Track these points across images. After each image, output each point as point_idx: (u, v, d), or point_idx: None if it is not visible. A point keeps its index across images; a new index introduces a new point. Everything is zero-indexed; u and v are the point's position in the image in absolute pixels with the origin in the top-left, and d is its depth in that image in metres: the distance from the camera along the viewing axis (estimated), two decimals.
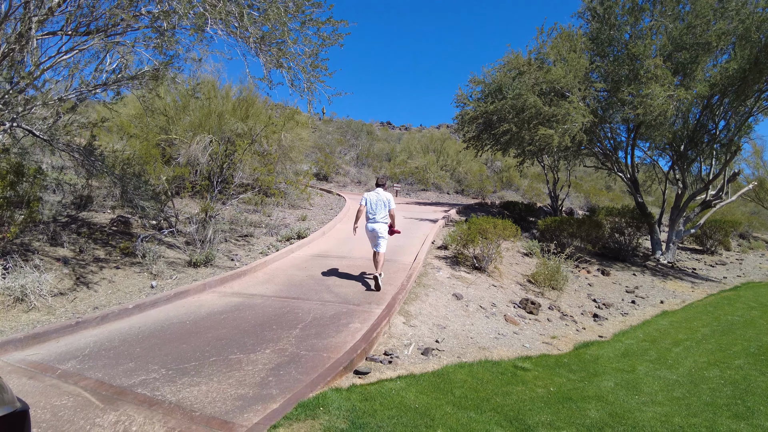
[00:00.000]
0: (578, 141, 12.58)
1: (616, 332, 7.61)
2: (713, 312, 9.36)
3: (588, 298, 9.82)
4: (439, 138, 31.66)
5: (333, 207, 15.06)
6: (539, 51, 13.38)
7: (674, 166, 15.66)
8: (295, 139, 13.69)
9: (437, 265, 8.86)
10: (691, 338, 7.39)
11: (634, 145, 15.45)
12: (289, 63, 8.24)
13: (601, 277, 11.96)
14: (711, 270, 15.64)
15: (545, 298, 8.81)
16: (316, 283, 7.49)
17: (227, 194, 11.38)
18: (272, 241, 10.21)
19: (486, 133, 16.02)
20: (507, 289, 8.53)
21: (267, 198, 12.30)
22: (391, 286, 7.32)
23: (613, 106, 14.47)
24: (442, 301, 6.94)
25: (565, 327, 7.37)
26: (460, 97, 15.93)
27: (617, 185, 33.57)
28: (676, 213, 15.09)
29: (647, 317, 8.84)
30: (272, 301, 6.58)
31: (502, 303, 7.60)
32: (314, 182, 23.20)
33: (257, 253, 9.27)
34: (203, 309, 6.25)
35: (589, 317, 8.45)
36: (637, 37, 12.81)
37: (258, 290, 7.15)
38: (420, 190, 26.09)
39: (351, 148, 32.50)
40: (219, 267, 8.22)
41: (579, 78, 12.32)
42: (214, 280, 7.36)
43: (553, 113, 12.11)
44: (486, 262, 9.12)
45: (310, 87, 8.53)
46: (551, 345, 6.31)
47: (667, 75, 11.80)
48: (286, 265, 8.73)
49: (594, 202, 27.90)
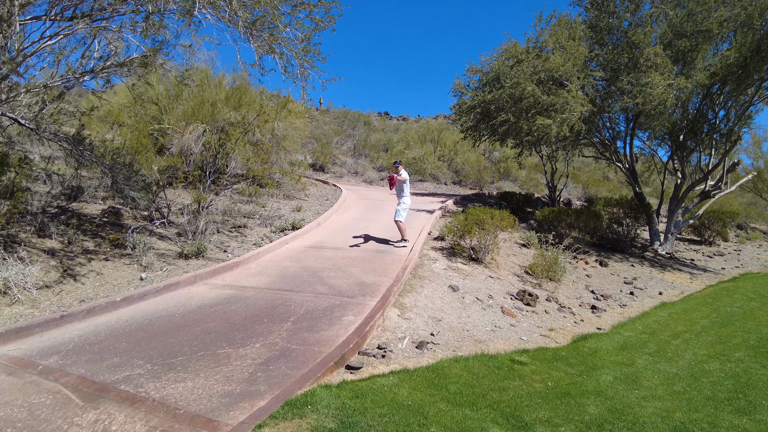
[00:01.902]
0: (576, 131, 12.41)
1: (615, 324, 7.50)
2: (712, 303, 9.26)
3: (586, 289, 9.71)
4: (437, 128, 31.38)
5: (329, 197, 14.89)
6: (538, 39, 13.15)
7: (673, 156, 15.52)
8: (288, 128, 13.46)
9: (433, 257, 8.72)
10: (690, 330, 7.29)
11: (633, 135, 15.28)
12: (281, 49, 8.05)
13: (599, 268, 11.85)
14: (709, 261, 15.56)
15: (543, 289, 8.69)
16: (309, 275, 7.34)
17: (220, 185, 11.20)
18: (266, 232, 10.05)
19: (483, 122, 15.83)
20: (504, 281, 8.40)
21: (261, 189, 12.11)
22: (386, 278, 7.18)
23: (612, 95, 14.28)
24: (438, 293, 6.81)
25: (563, 319, 7.25)
26: (458, 86, 15.71)
27: (616, 176, 33.42)
28: (674, 203, 14.97)
29: (646, 309, 8.74)
30: (264, 294, 6.44)
31: (499, 295, 7.47)
32: (310, 173, 22.99)
33: (250, 245, 9.12)
34: (193, 301, 6.10)
35: (588, 309, 8.34)
36: (636, 24, 12.58)
37: (250, 282, 7.00)
38: (417, 180, 25.88)
39: (348, 138, 32.21)
40: (211, 259, 8.07)
41: (578, 66, 12.11)
42: (205, 272, 7.21)
43: (551, 102, 11.92)
44: (483, 253, 8.98)
45: (303, 73, 8.33)
46: (549, 338, 6.19)
47: (667, 63, 11.61)
48: (280, 256, 8.58)
49: (592, 193, 27.75)
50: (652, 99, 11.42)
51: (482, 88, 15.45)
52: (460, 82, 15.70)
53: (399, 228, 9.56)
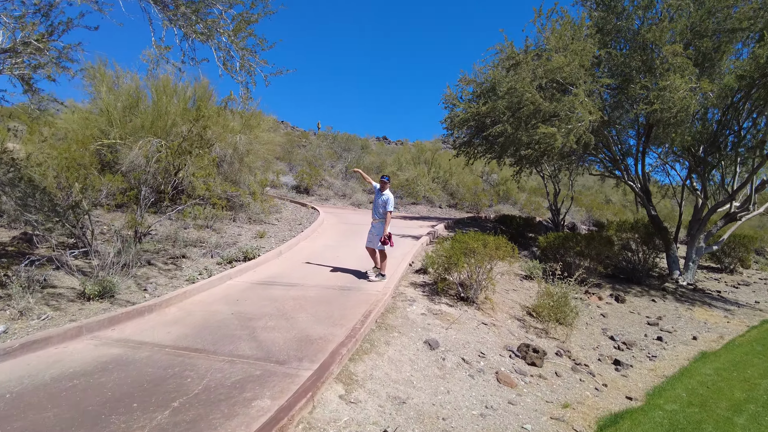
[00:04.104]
0: (584, 143, 10.67)
1: (649, 390, 5.60)
2: (765, 353, 7.35)
3: (604, 334, 7.83)
4: (431, 149, 29.81)
5: (302, 222, 13.07)
6: (537, 37, 11.52)
7: (691, 174, 13.78)
8: (253, 142, 11.73)
9: (411, 296, 6.86)
10: (753, 398, 5.39)
11: (645, 150, 13.58)
12: (220, 37, 6.38)
13: (615, 304, 9.96)
14: (736, 292, 13.63)
15: (550, 337, 6.81)
16: (239, 325, 5.48)
17: (161, 206, 9.46)
18: (209, 264, 8.21)
19: (478, 137, 14.16)
20: (501, 328, 6.52)
21: (218, 210, 10.30)
22: (341, 329, 5.32)
23: (622, 105, 12.63)
24: (409, 353, 4.93)
25: (579, 385, 5.35)
26: (449, 97, 14.06)
27: (621, 198, 31.65)
28: (695, 227, 13.16)
29: (683, 362, 6.83)
30: (161, 356, 4.57)
31: (493, 351, 5.59)
32: (293, 195, 21.27)
33: (183, 281, 7.27)
34: (53, 369, 4.24)
35: (609, 365, 6.44)
36: (649, 23, 11.01)
37: (154, 336, 5.14)
38: (410, 203, 24.13)
39: (339, 160, 30.68)
40: (120, 301, 6.21)
41: (585, 66, 10.45)
42: (99, 320, 5.35)
43: (554, 110, 10.24)
44: (474, 290, 7.12)
45: (245, 65, 6.66)
46: (564, 422, 4.29)
47: (687, 65, 9.96)
48: (214, 297, 6.72)
49: (597, 217, 25.97)
50: (672, 105, 9.72)
51: (476, 99, 13.82)
52: (451, 92, 14.06)
53: (374, 258, 7.77)
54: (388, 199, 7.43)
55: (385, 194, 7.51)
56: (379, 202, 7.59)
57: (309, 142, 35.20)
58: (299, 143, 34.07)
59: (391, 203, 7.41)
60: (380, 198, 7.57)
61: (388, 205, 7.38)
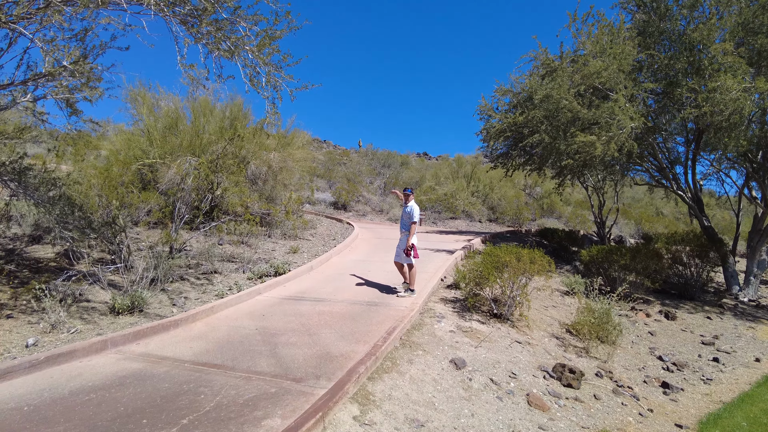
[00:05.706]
0: (627, 151, 10.12)
1: (703, 417, 5.07)
2: None
3: (651, 354, 7.26)
4: (471, 162, 29.38)
5: (336, 237, 13.03)
6: (573, 42, 11.10)
7: (749, 182, 12.84)
8: (287, 159, 11.83)
9: (440, 312, 6.58)
10: None
11: (696, 158, 12.78)
12: (245, 53, 6.45)
13: (665, 321, 9.28)
14: None
15: (591, 357, 6.35)
16: (261, 341, 5.38)
17: (195, 223, 9.62)
18: (240, 279, 8.23)
19: (515, 148, 13.77)
20: (537, 347, 6.13)
21: (252, 226, 10.39)
22: (364, 345, 5.13)
23: (668, 110, 11.95)
24: (433, 372, 4.66)
25: (621, 409, 4.90)
26: (484, 108, 13.78)
27: (674, 209, 30.04)
28: (756, 239, 12.19)
29: (743, 386, 6.20)
30: (179, 371, 4.51)
31: (526, 371, 5.22)
32: (331, 211, 21.37)
33: (212, 296, 7.30)
34: (73, 383, 4.25)
35: (656, 387, 5.92)
36: (695, 24, 10.41)
37: (176, 351, 5.11)
38: (449, 218, 23.74)
39: (378, 176, 30.81)
40: (149, 315, 6.27)
41: (625, 71, 9.95)
42: (124, 334, 5.39)
43: (593, 117, 9.78)
44: (509, 307, 6.77)
45: (271, 81, 6.69)
46: None
47: (740, 63, 9.30)
48: (240, 312, 6.68)
49: (647, 230, 24.68)
50: (724, 107, 9.08)
51: (513, 110, 13.47)
52: (486, 103, 13.77)
53: (402, 272, 7.58)
54: (412, 211, 7.30)
55: (409, 206, 7.38)
56: (404, 214, 7.47)
57: (350, 160, 35.65)
58: (340, 161, 34.53)
59: (416, 214, 7.25)
60: (405, 210, 7.45)
61: (414, 216, 7.23)
